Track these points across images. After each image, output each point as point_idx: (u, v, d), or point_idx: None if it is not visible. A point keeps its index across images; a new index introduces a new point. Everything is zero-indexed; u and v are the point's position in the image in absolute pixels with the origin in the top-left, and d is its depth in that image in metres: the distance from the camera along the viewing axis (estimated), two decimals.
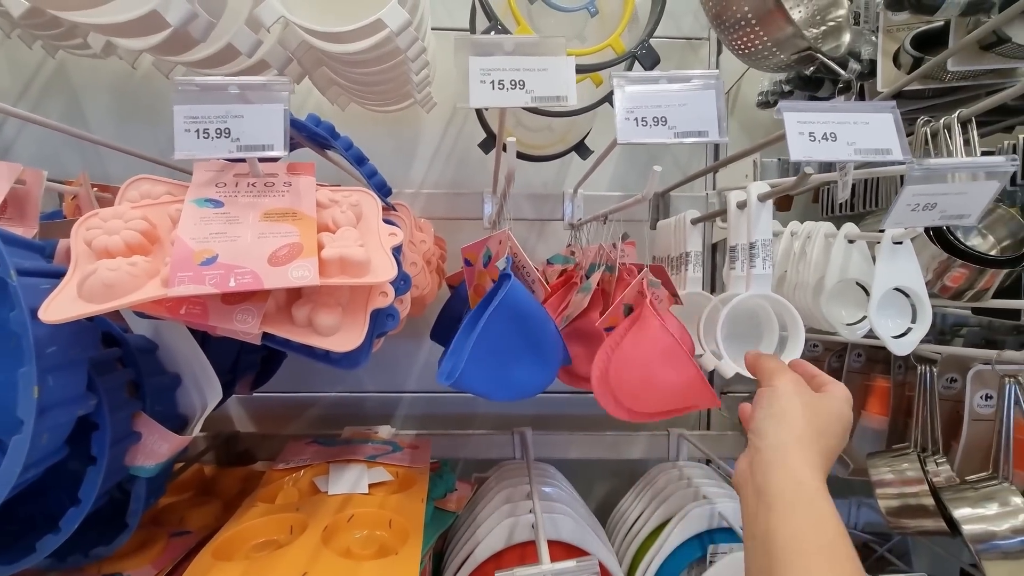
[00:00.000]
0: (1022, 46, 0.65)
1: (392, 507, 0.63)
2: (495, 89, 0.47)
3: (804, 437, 0.41)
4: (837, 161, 0.46)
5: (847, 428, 0.43)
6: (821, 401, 0.44)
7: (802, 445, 0.40)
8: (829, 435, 0.42)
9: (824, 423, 0.42)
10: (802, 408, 0.42)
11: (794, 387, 0.44)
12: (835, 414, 0.43)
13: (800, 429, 0.41)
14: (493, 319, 0.52)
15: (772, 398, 0.43)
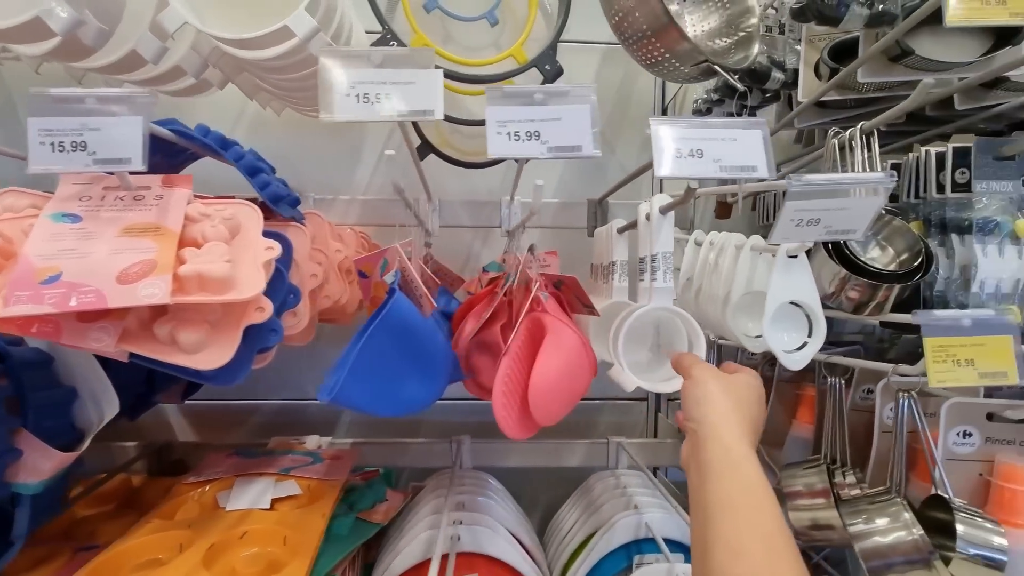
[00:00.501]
0: (926, 59, 0.65)
1: (290, 523, 0.62)
2: (360, 103, 0.46)
3: (727, 412, 0.46)
4: (702, 178, 0.45)
5: (761, 398, 0.50)
6: (734, 379, 0.50)
7: (727, 419, 0.45)
8: (747, 405, 0.48)
9: (741, 397, 0.48)
10: (720, 389, 0.48)
11: (710, 373, 0.49)
12: (748, 387, 0.49)
13: (723, 406, 0.46)
14: (375, 335, 0.51)
15: (694, 386, 0.49)
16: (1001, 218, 0.57)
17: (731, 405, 0.46)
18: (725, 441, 0.43)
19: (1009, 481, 0.57)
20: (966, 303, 0.59)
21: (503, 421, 0.50)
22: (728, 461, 0.42)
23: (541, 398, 0.50)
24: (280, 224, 0.63)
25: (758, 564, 0.36)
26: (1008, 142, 0.57)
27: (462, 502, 0.90)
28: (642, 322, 0.65)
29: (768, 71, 0.83)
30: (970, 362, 0.51)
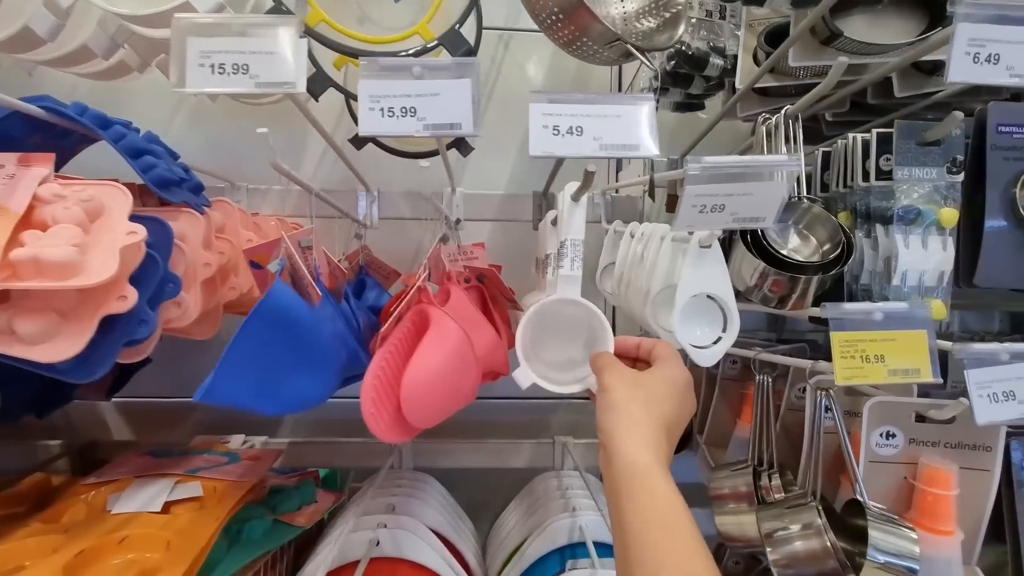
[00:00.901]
0: (856, 40, 0.62)
1: (177, 527, 0.58)
2: (215, 73, 0.43)
3: (633, 418, 0.44)
4: (581, 157, 0.42)
5: (681, 392, 0.46)
6: (644, 377, 0.47)
7: (632, 427, 0.43)
8: (660, 403, 0.45)
9: (652, 396, 0.45)
10: (626, 393, 0.45)
11: (617, 377, 0.47)
12: (663, 383, 0.46)
13: (628, 414, 0.44)
14: (250, 327, 0.48)
15: (603, 396, 0.46)
16: (924, 207, 0.54)
17: (639, 410, 0.44)
18: (630, 455, 0.41)
19: (932, 485, 0.54)
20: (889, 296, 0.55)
21: (371, 419, 0.46)
22: (635, 478, 0.40)
23: (415, 397, 0.47)
24: (169, 210, 0.59)
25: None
26: (931, 126, 0.54)
27: (392, 504, 0.86)
28: (552, 315, 0.62)
29: (706, 57, 0.80)
30: (880, 358, 0.48)
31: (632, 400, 0.45)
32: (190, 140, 1.15)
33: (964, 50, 0.46)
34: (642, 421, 0.43)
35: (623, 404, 0.44)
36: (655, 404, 0.45)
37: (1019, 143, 0.57)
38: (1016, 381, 0.48)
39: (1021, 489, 0.57)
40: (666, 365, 0.48)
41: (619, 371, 0.48)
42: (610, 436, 0.43)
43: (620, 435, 0.43)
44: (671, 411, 0.45)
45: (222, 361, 0.46)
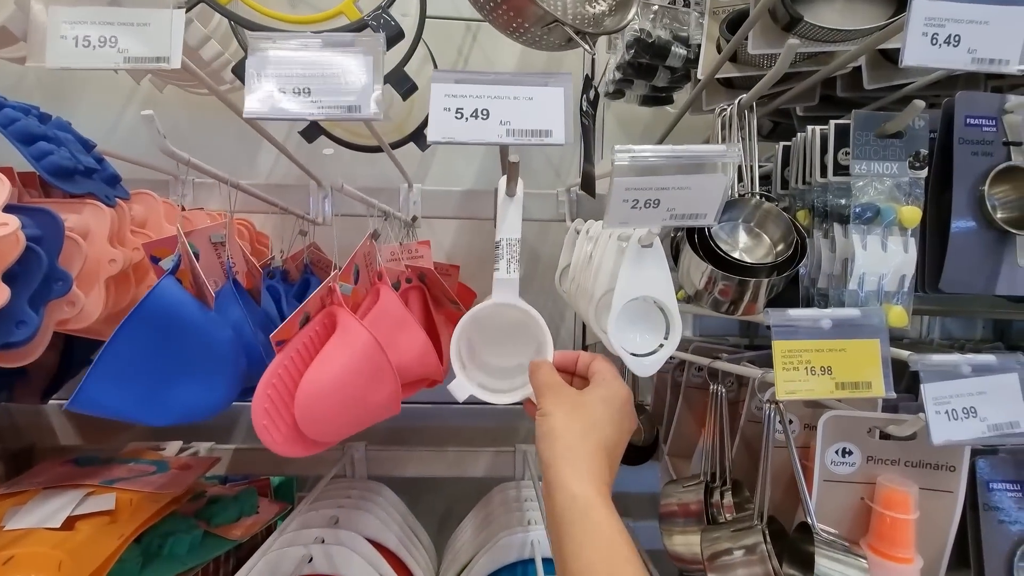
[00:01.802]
0: (817, 26, 0.57)
1: (73, 545, 0.54)
2: (80, 47, 0.38)
3: (572, 447, 0.41)
4: (491, 144, 0.38)
5: (617, 404, 0.44)
6: (582, 398, 0.45)
7: (571, 456, 0.41)
8: (599, 426, 0.43)
9: (590, 419, 0.43)
10: (564, 418, 0.43)
11: (554, 401, 0.44)
12: (598, 402, 0.44)
13: (566, 441, 0.42)
14: (129, 330, 0.44)
15: (540, 422, 0.44)
16: (884, 205, 0.50)
17: (577, 438, 0.42)
18: (570, 487, 0.39)
19: (890, 508, 0.49)
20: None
21: (264, 432, 0.42)
22: (575, 511, 0.38)
23: (312, 409, 0.42)
24: (71, 202, 0.55)
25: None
26: (891, 116, 0.50)
27: (336, 516, 0.82)
28: (492, 321, 0.58)
29: (668, 46, 0.75)
30: (827, 370, 0.43)
31: (570, 427, 0.42)
32: (142, 131, 1.10)
33: (921, 30, 0.42)
34: (581, 448, 0.41)
35: (561, 431, 0.42)
36: (594, 429, 0.43)
37: (988, 136, 0.52)
38: (978, 397, 0.44)
39: (987, 512, 0.52)
40: (603, 383, 0.46)
41: (557, 394, 0.45)
42: (548, 465, 0.41)
43: (559, 464, 0.40)
44: (611, 434, 0.43)
45: (93, 366, 0.41)
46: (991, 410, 0.44)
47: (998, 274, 0.52)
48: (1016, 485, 0.52)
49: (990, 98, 0.53)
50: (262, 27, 0.55)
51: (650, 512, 1.02)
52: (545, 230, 1.12)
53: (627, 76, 0.83)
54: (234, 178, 1.03)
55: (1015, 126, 0.52)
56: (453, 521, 1.05)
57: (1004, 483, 0.52)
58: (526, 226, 0.54)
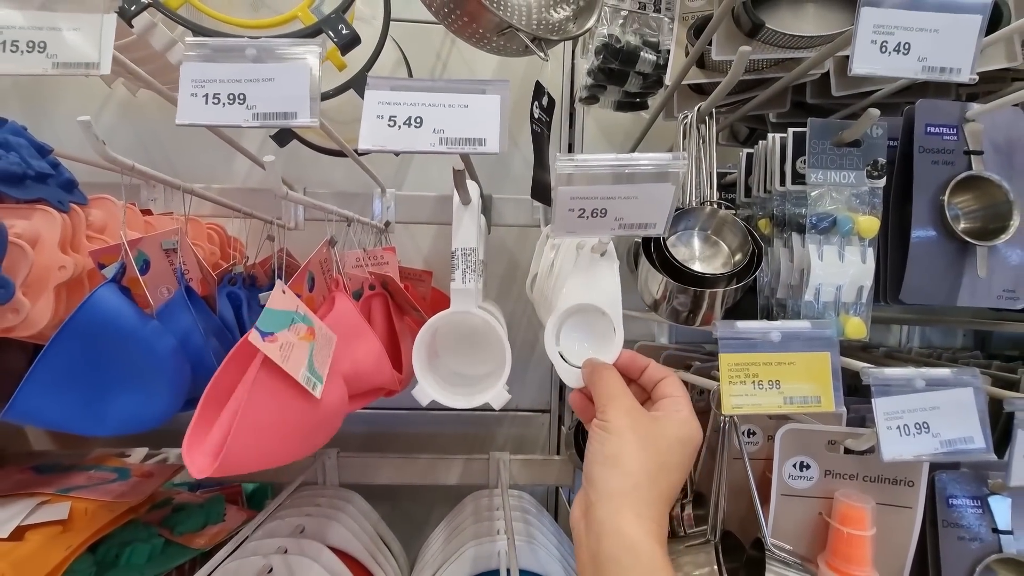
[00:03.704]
0: (779, 32, 0.57)
1: (19, 556, 0.53)
2: (7, 51, 0.37)
3: (640, 484, 0.35)
4: (423, 152, 0.37)
5: (691, 448, 0.38)
6: (659, 428, 0.38)
7: (637, 496, 0.35)
8: (670, 468, 0.36)
9: (663, 457, 0.36)
10: (637, 447, 0.36)
11: (628, 420, 0.37)
12: (676, 440, 0.37)
13: (636, 476, 0.35)
14: (64, 338, 0.43)
15: (604, 438, 0.37)
16: (841, 214, 0.49)
17: (647, 477, 0.35)
18: (631, 537, 0.33)
19: (846, 523, 0.48)
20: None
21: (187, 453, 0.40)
22: (637, 568, 0.32)
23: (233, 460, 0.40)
24: (19, 207, 0.54)
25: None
26: (848, 124, 0.49)
27: (303, 525, 0.81)
28: (452, 329, 0.57)
29: (636, 51, 0.75)
30: (775, 384, 0.42)
31: (641, 460, 0.36)
32: (119, 135, 1.10)
33: (870, 38, 0.41)
34: (650, 491, 0.35)
35: (629, 462, 0.35)
36: (666, 471, 0.36)
37: (949, 146, 0.51)
38: (931, 412, 0.43)
39: (946, 528, 0.51)
40: (682, 419, 0.38)
41: (629, 412, 0.38)
42: (606, 498, 0.34)
43: (620, 503, 0.34)
44: (676, 481, 0.37)
45: (28, 376, 0.41)
46: (944, 425, 0.43)
47: (959, 285, 0.52)
48: (976, 501, 0.51)
49: (951, 106, 0.52)
50: (217, 33, 0.54)
51: None
52: (524, 236, 1.11)
53: (599, 81, 0.82)
54: (210, 182, 1.03)
55: (976, 135, 0.52)
56: (429, 529, 1.04)
57: (964, 498, 0.51)
58: (505, 232, 0.54)
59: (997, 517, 0.51)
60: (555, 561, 0.79)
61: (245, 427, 0.39)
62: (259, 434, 0.43)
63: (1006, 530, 0.50)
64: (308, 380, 0.48)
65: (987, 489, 0.52)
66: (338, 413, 0.49)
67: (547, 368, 1.14)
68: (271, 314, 0.47)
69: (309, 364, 0.49)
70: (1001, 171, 0.52)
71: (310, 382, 0.48)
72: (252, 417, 0.40)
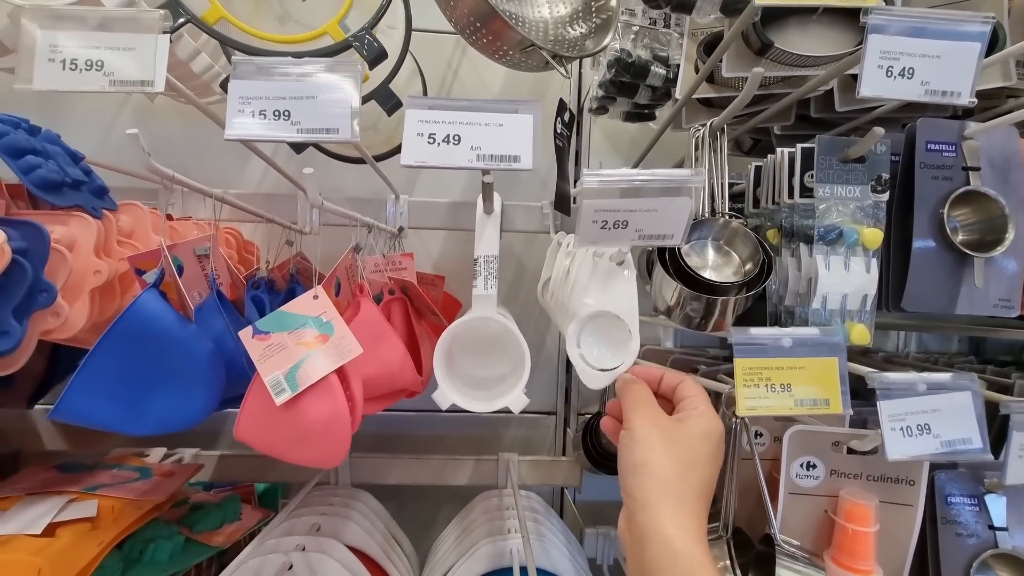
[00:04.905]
0: (787, 51, 0.59)
1: (53, 552, 0.55)
2: (67, 70, 0.39)
3: (672, 486, 0.36)
4: (462, 168, 0.39)
5: (716, 440, 0.39)
6: (681, 428, 0.39)
7: (671, 497, 0.36)
8: (699, 464, 0.38)
9: (691, 454, 0.38)
10: (664, 450, 0.38)
11: (652, 425, 0.39)
12: (699, 436, 0.39)
13: (666, 478, 0.37)
14: (110, 342, 0.45)
15: (631, 447, 0.39)
16: (847, 226, 0.52)
17: (675, 475, 0.36)
18: (670, 539, 0.34)
19: (851, 520, 0.51)
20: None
21: None
22: (677, 566, 0.33)
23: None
24: (57, 214, 0.56)
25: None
26: (853, 142, 0.52)
27: (318, 524, 0.83)
28: (472, 334, 0.59)
29: (647, 66, 0.77)
30: (787, 387, 0.45)
31: (669, 462, 0.37)
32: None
33: (876, 63, 0.44)
34: (681, 490, 0.36)
35: (657, 465, 0.37)
36: (694, 468, 0.37)
37: (948, 162, 0.54)
38: (932, 414, 0.46)
39: (945, 525, 0.54)
40: (698, 414, 0.40)
41: (653, 419, 0.40)
42: (642, 505, 0.36)
43: (656, 507, 0.35)
44: (708, 475, 0.38)
45: (75, 376, 0.43)
46: (945, 427, 0.46)
47: (958, 294, 0.54)
48: (974, 499, 0.54)
49: (950, 124, 0.55)
50: (248, 47, 0.56)
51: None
52: (531, 241, 1.14)
53: (609, 94, 0.84)
54: (224, 187, 1.04)
55: (973, 152, 0.55)
56: (436, 528, 1.06)
57: (962, 497, 0.54)
58: (513, 237, 0.56)
59: (993, 514, 0.54)
60: (565, 559, 0.81)
61: (250, 408, 0.41)
62: (258, 419, 0.45)
63: (1002, 527, 0.53)
64: (276, 384, 0.48)
65: (983, 488, 0.55)
66: (327, 428, 0.48)
67: (553, 371, 1.16)
68: (280, 315, 0.49)
69: (290, 370, 0.49)
70: (997, 186, 0.54)
71: (277, 386, 0.48)
72: (252, 403, 0.42)
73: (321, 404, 0.47)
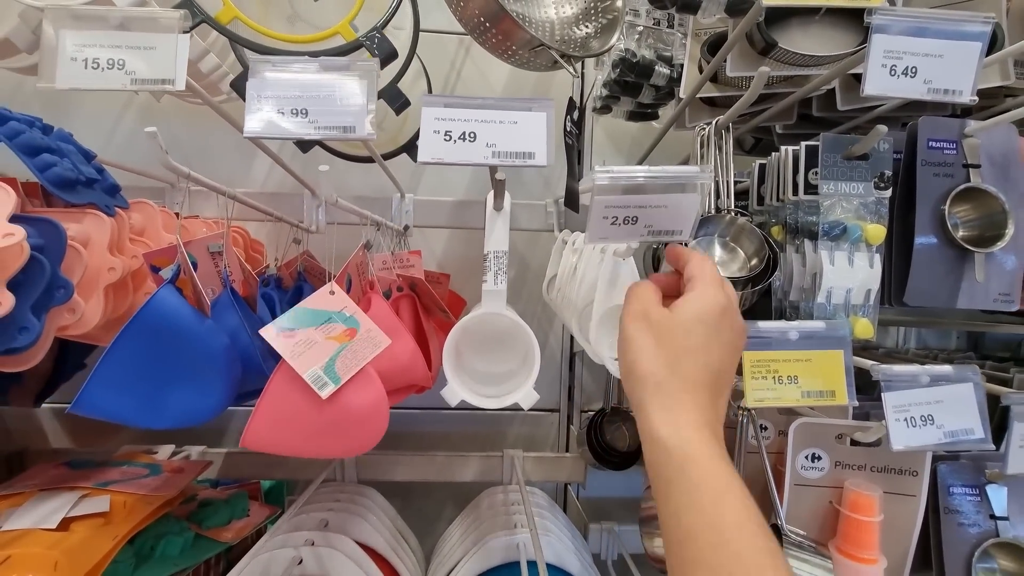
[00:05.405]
0: (791, 51, 0.60)
1: (69, 546, 0.55)
2: (89, 69, 0.40)
3: (660, 380, 0.35)
4: (477, 165, 0.40)
5: (712, 320, 0.36)
6: (671, 318, 0.37)
7: (661, 394, 0.34)
8: (693, 351, 0.35)
9: (681, 343, 0.36)
10: (652, 346, 0.36)
11: (640, 322, 0.37)
12: (690, 322, 0.36)
13: (654, 374, 0.35)
14: (128, 336, 0.45)
15: (622, 351, 0.38)
16: (850, 222, 0.53)
17: (665, 370, 0.35)
18: (662, 437, 0.33)
19: (855, 511, 0.52)
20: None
21: None
22: (672, 467, 0.32)
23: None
24: (72, 211, 0.57)
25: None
26: (857, 140, 0.53)
27: (326, 520, 0.83)
28: (482, 330, 0.60)
29: (651, 65, 0.78)
30: (794, 379, 0.46)
31: (656, 358, 0.35)
32: (140, 138, 1.12)
33: (880, 62, 0.45)
34: (671, 384, 0.34)
35: (646, 366, 0.35)
36: (687, 356, 0.35)
37: (949, 159, 0.55)
38: (935, 405, 0.47)
39: (948, 515, 0.55)
40: (694, 296, 0.37)
41: (641, 312, 0.38)
42: (637, 407, 0.35)
43: (647, 408, 0.34)
44: (713, 359, 0.35)
45: (95, 371, 0.43)
46: (947, 418, 0.47)
47: (959, 289, 0.55)
48: (975, 489, 0.55)
49: (950, 122, 0.56)
50: (260, 47, 0.57)
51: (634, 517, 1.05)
52: (535, 239, 1.14)
53: (613, 93, 0.85)
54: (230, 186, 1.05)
55: (974, 149, 0.56)
56: (442, 524, 1.07)
57: (964, 487, 0.55)
58: (516, 235, 0.56)
59: (994, 504, 0.55)
60: (570, 553, 0.82)
61: (264, 410, 0.42)
62: (276, 421, 0.46)
63: (1003, 516, 0.54)
64: (317, 379, 0.49)
65: (985, 478, 0.56)
66: (369, 417, 0.50)
67: (556, 368, 1.17)
68: (301, 312, 0.50)
69: (328, 364, 0.50)
70: (997, 183, 0.55)
71: (319, 381, 0.49)
72: (271, 403, 0.43)
73: (365, 393, 0.49)
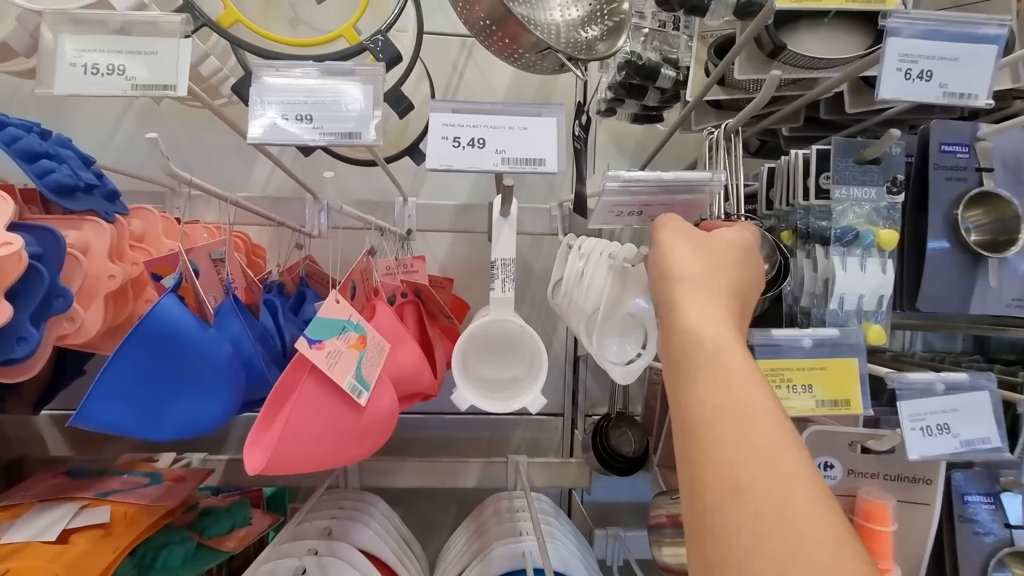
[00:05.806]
0: (800, 54, 0.60)
1: (69, 558, 0.54)
2: (88, 74, 0.39)
3: (698, 281, 0.36)
4: (487, 171, 0.39)
5: (747, 258, 0.38)
6: (707, 236, 0.39)
7: (698, 296, 0.35)
8: (728, 267, 0.37)
9: (717, 260, 0.37)
10: (689, 254, 0.37)
11: (677, 234, 0.38)
12: (725, 243, 0.38)
13: (692, 277, 0.36)
14: (130, 347, 0.44)
15: (656, 260, 0.38)
16: (863, 228, 0.52)
17: (703, 274, 0.36)
18: (696, 329, 0.33)
19: (869, 520, 0.51)
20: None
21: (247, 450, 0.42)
22: (701, 356, 0.32)
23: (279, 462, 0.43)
24: (71, 218, 0.56)
25: (762, 502, 0.26)
26: (869, 143, 0.52)
27: (329, 528, 0.82)
28: (490, 336, 0.59)
29: (657, 68, 0.78)
30: (808, 388, 0.45)
31: (694, 264, 0.36)
32: (139, 143, 1.11)
33: (895, 66, 0.44)
34: (709, 287, 0.35)
35: (684, 268, 0.36)
36: (722, 269, 0.36)
37: (962, 163, 0.55)
38: (951, 413, 0.46)
39: (962, 524, 0.54)
40: (725, 228, 0.40)
41: (681, 228, 0.39)
42: (669, 308, 0.35)
43: (683, 305, 0.34)
44: (741, 278, 0.37)
45: (96, 384, 0.42)
46: (964, 426, 0.46)
47: (971, 294, 0.55)
48: (990, 497, 0.54)
49: (963, 126, 0.55)
50: (261, 50, 0.56)
51: (640, 523, 1.04)
52: (538, 243, 1.14)
53: (618, 95, 0.85)
54: (231, 189, 1.04)
55: (986, 153, 0.55)
56: (445, 531, 1.06)
57: (979, 495, 0.54)
58: (520, 239, 0.56)
59: (1009, 513, 0.54)
60: (577, 560, 0.81)
61: (292, 430, 0.41)
62: (306, 438, 0.45)
63: (1018, 525, 0.53)
64: (354, 388, 0.50)
65: (999, 487, 0.55)
66: (389, 419, 0.51)
67: (560, 373, 1.16)
68: (321, 322, 0.49)
69: (357, 372, 0.51)
70: (1010, 187, 0.55)
71: (355, 390, 0.50)
72: (299, 421, 0.42)
73: (387, 396, 0.50)
